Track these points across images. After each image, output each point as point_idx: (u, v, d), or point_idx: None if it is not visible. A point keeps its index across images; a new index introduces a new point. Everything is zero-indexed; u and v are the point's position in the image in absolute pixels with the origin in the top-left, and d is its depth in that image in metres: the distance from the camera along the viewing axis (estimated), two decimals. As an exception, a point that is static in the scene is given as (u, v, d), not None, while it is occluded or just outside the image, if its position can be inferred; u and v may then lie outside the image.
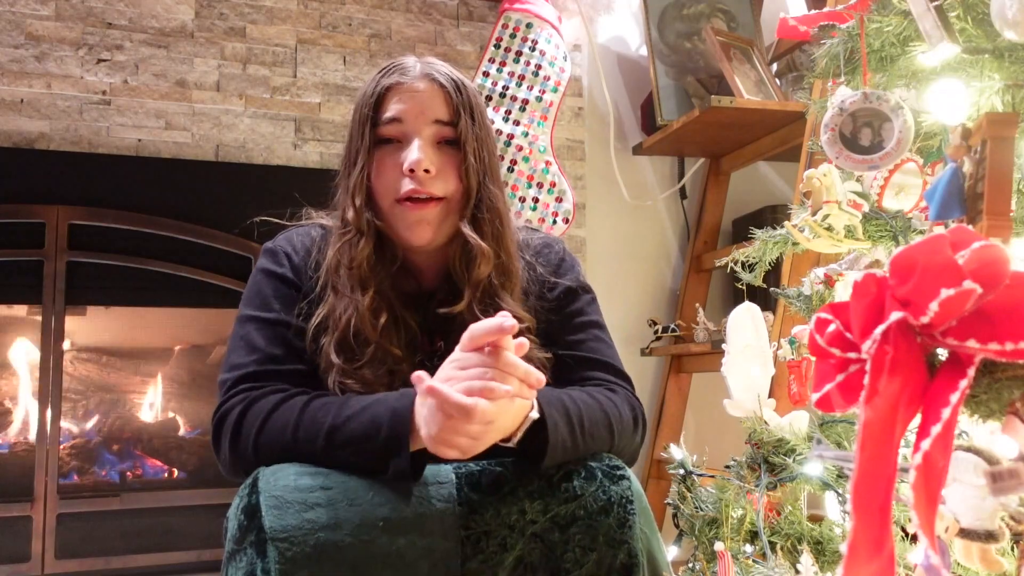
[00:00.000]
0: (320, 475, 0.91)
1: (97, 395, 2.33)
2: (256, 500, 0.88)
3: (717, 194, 2.81)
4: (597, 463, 0.98)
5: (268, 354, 1.04)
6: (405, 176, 1.07)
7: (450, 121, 1.09)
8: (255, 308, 1.09)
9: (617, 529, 0.94)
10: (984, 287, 0.55)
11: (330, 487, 0.90)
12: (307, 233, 1.16)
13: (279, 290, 1.09)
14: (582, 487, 0.95)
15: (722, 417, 1.39)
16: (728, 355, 1.30)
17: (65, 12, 2.23)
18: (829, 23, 1.20)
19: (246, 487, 0.91)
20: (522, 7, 2.41)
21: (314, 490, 0.89)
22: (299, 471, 0.91)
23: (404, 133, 1.09)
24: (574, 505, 0.94)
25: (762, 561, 1.14)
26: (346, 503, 0.88)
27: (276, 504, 0.87)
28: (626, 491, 0.96)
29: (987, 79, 1.00)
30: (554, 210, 2.31)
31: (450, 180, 1.09)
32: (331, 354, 1.04)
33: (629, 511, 0.95)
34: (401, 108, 1.09)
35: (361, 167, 1.09)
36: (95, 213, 2.16)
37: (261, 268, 1.12)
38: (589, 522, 0.94)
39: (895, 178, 1.14)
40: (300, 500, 0.87)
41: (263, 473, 0.91)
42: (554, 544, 0.93)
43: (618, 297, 2.74)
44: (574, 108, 2.68)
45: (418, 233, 1.08)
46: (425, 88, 1.10)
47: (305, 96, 2.42)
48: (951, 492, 0.64)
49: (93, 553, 2.11)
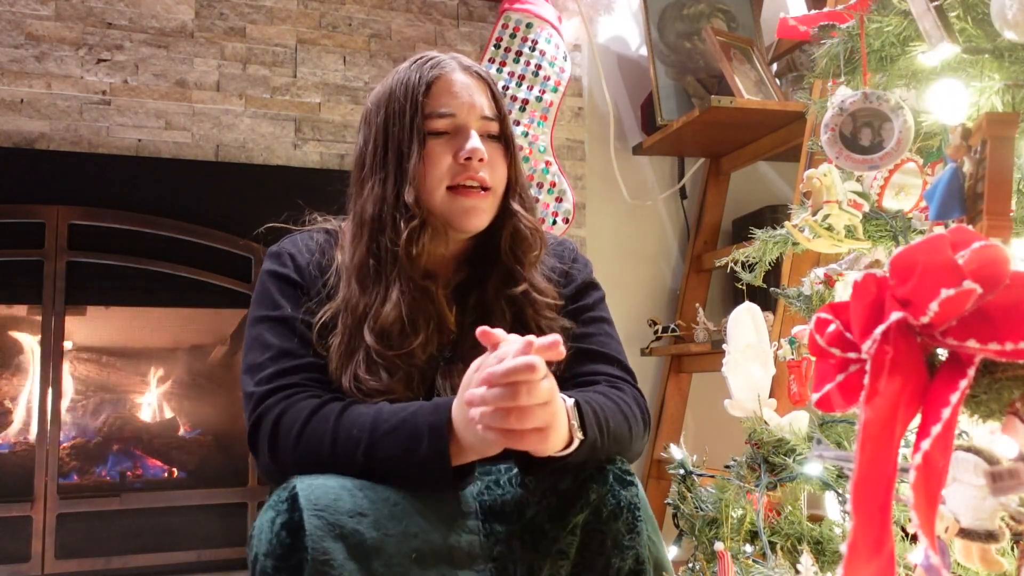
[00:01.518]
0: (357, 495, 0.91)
1: (97, 395, 2.33)
2: (300, 518, 0.86)
3: (717, 194, 2.81)
4: (611, 466, 0.98)
5: (282, 349, 1.06)
6: (460, 164, 1.10)
7: (495, 116, 1.14)
8: (264, 309, 1.10)
9: (626, 535, 0.95)
10: (984, 287, 0.55)
11: (367, 513, 0.89)
12: (311, 237, 1.17)
13: (284, 290, 1.11)
14: (596, 491, 0.96)
15: (722, 417, 1.39)
16: (728, 355, 1.30)
17: (65, 12, 2.23)
18: (829, 23, 1.20)
19: (284, 502, 0.89)
20: (522, 7, 2.40)
21: (353, 515, 0.88)
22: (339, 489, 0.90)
23: (456, 126, 1.12)
24: (588, 512, 0.96)
25: (762, 561, 1.14)
26: (382, 533, 0.89)
27: (320, 526, 0.86)
28: (634, 497, 0.96)
29: (987, 79, 1.00)
30: (554, 210, 2.31)
31: (497, 170, 1.13)
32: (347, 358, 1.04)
33: (638, 517, 0.96)
34: (453, 103, 1.12)
35: (415, 158, 1.10)
36: (95, 213, 2.16)
37: (266, 271, 1.14)
38: (599, 527, 0.95)
39: (895, 178, 1.14)
40: (341, 524, 0.87)
41: (301, 487, 0.89)
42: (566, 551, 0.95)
43: (618, 297, 2.73)
44: (574, 108, 2.68)
45: (472, 220, 1.11)
46: (469, 81, 1.14)
47: (305, 96, 2.42)
48: (951, 492, 0.64)
49: (93, 553, 2.11)
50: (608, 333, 1.17)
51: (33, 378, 2.18)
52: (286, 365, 1.04)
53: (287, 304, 1.09)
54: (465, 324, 1.11)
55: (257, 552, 0.88)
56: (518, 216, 1.14)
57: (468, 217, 1.10)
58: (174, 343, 2.41)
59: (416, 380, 1.06)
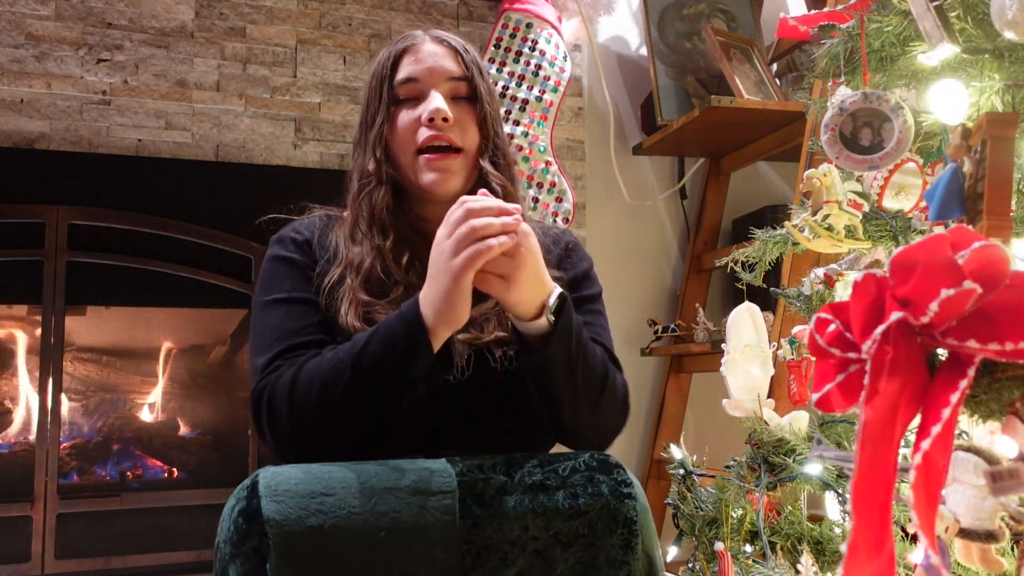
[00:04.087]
0: (322, 479, 0.90)
1: (97, 395, 2.33)
2: (257, 504, 0.87)
3: (717, 194, 2.81)
4: (605, 477, 0.96)
5: (285, 329, 1.07)
6: (423, 126, 1.11)
7: (463, 76, 1.14)
8: (266, 293, 1.12)
9: (620, 550, 0.93)
10: (984, 287, 0.55)
11: (332, 492, 0.89)
12: (312, 220, 1.20)
13: (288, 271, 1.12)
14: (587, 504, 0.94)
15: (722, 417, 1.39)
16: (728, 355, 1.30)
17: (65, 12, 2.23)
18: (829, 23, 1.20)
19: (245, 489, 0.90)
20: (522, 7, 2.40)
21: (316, 495, 0.88)
22: (301, 474, 0.90)
23: (420, 91, 1.13)
24: (578, 523, 0.93)
25: (762, 561, 1.14)
26: (348, 511, 0.88)
27: (278, 510, 0.86)
28: (631, 511, 0.94)
29: (987, 79, 1.00)
30: (554, 210, 2.31)
31: (468, 131, 1.13)
32: (357, 291, 1.07)
33: (633, 532, 0.94)
34: (416, 68, 1.13)
35: (380, 123, 1.13)
36: (95, 213, 2.16)
37: (269, 256, 1.16)
38: (592, 540, 0.93)
39: (895, 178, 1.14)
40: (302, 506, 0.87)
41: (263, 476, 0.90)
42: (554, 561, 0.93)
43: (618, 297, 2.74)
44: (574, 108, 2.68)
45: (442, 183, 1.11)
46: (436, 49, 1.15)
47: (305, 96, 2.42)
48: (951, 492, 0.64)
49: (93, 553, 2.11)
50: (604, 327, 1.18)
51: (33, 378, 2.18)
52: (289, 344, 1.06)
53: (291, 285, 1.11)
54: None
55: (218, 541, 0.90)
56: (488, 176, 1.13)
57: (435, 181, 1.11)
58: (174, 343, 2.41)
59: None
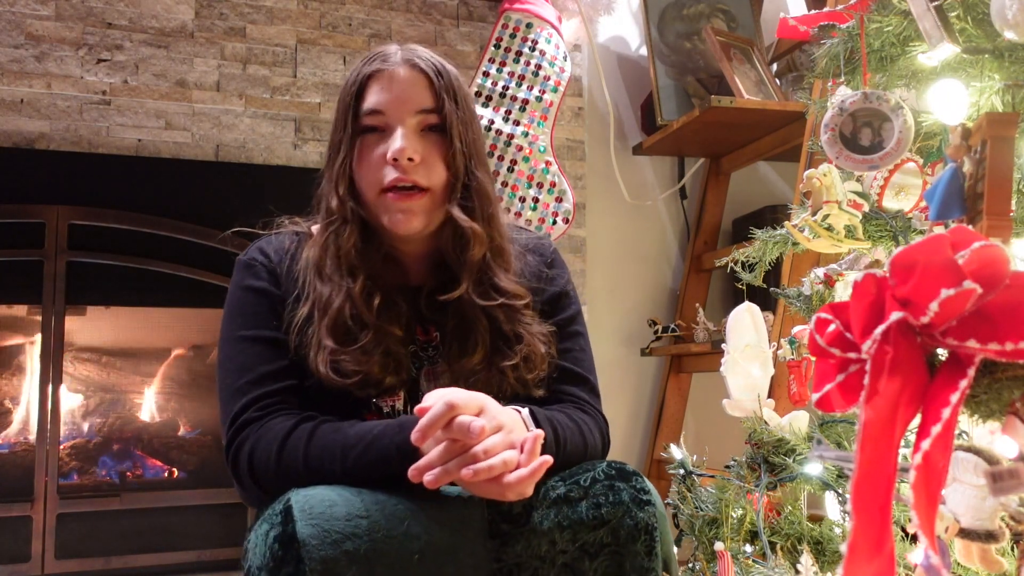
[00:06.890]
0: (355, 501, 0.90)
1: (97, 395, 2.33)
2: (292, 530, 0.85)
3: (717, 194, 2.81)
4: (625, 485, 0.97)
5: (261, 373, 1.04)
6: (388, 165, 1.06)
7: (433, 108, 1.08)
8: (239, 327, 1.08)
9: (644, 557, 0.95)
10: (984, 287, 0.55)
11: (366, 515, 0.89)
12: (280, 242, 1.15)
13: (260, 304, 1.09)
14: (610, 513, 0.95)
15: (722, 417, 1.39)
16: (728, 355, 1.30)
17: (65, 12, 2.23)
18: (829, 23, 1.20)
19: (278, 515, 0.88)
20: (522, 7, 2.40)
21: (351, 518, 0.88)
22: (334, 497, 0.89)
23: (387, 123, 1.08)
24: (602, 532, 0.95)
25: (762, 561, 1.14)
26: (383, 534, 0.88)
27: (314, 535, 0.85)
28: (651, 518, 0.96)
29: (987, 79, 1.00)
30: (554, 210, 2.31)
31: (435, 168, 1.08)
32: (324, 338, 1.02)
33: (655, 538, 0.96)
34: (382, 99, 1.07)
35: (344, 156, 1.09)
36: (95, 213, 2.16)
37: (239, 284, 1.11)
38: (616, 549, 0.95)
39: (895, 178, 1.14)
40: (338, 530, 0.86)
41: (296, 499, 0.89)
42: (584, 572, 0.95)
43: (618, 297, 2.74)
44: (574, 108, 2.68)
45: (404, 224, 1.07)
46: (406, 76, 1.08)
47: (305, 96, 2.42)
48: (951, 492, 0.64)
49: (93, 553, 2.11)
50: (583, 348, 1.16)
51: (33, 378, 2.18)
52: (263, 390, 1.03)
53: (264, 321, 1.07)
54: (448, 326, 1.09)
55: (251, 565, 0.88)
56: (454, 217, 1.08)
57: (399, 222, 1.07)
58: (174, 343, 2.41)
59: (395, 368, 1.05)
